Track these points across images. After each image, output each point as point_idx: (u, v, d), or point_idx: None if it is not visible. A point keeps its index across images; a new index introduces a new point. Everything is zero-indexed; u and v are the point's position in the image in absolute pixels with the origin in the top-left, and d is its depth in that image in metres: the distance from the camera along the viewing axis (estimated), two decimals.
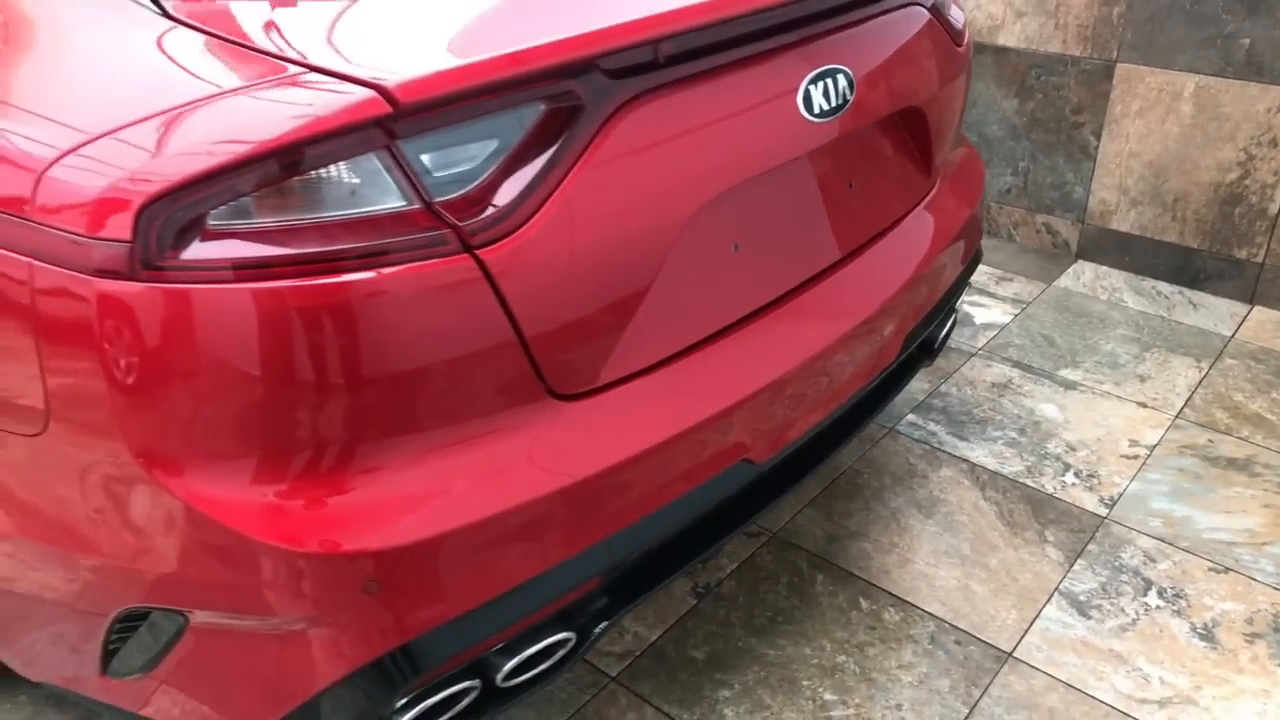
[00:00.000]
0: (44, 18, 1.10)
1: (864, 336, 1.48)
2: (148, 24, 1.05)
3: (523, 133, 1.04)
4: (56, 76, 1.03)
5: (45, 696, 1.63)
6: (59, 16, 1.10)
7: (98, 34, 1.06)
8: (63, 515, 1.08)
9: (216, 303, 0.93)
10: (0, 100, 1.03)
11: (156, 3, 1.08)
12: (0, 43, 1.10)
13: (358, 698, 1.12)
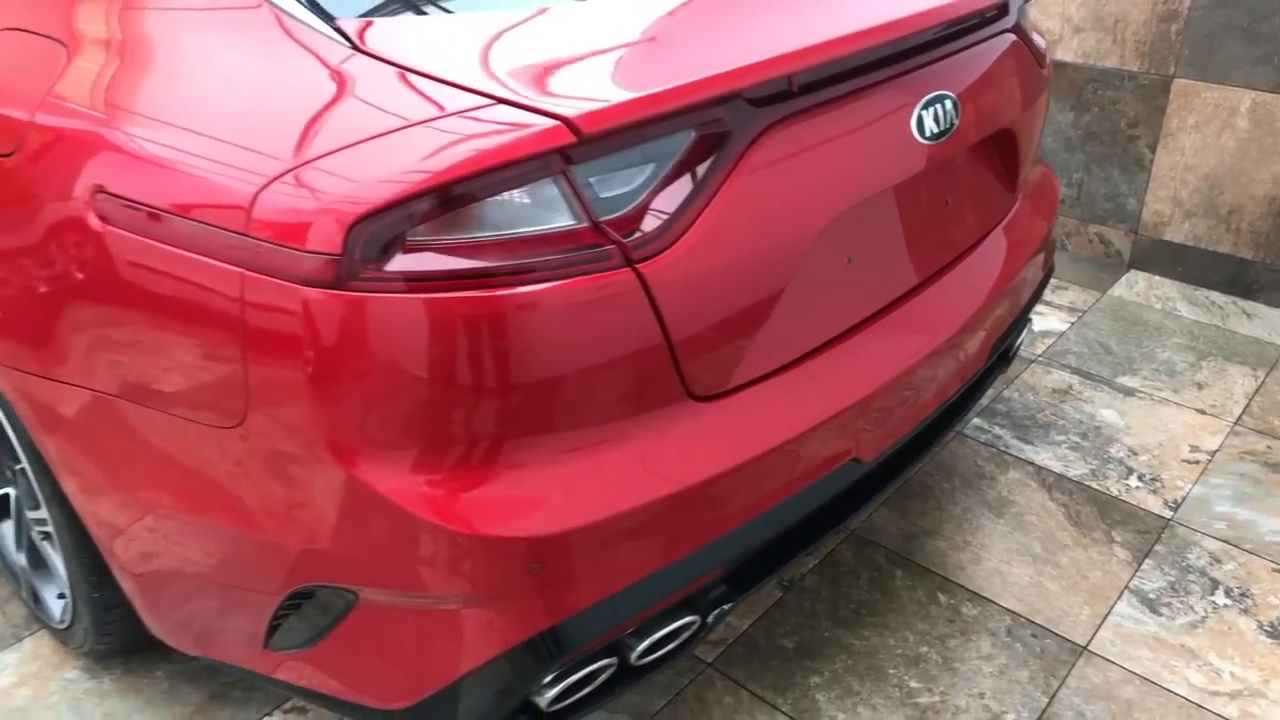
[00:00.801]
0: (243, 54, 1.21)
1: (959, 344, 1.57)
2: (342, 57, 1.16)
3: (676, 157, 1.14)
4: (260, 108, 1.14)
5: (180, 672, 1.75)
6: (256, 53, 1.20)
7: (295, 67, 1.17)
8: (250, 500, 1.19)
9: (415, 311, 1.03)
10: (208, 134, 1.13)
11: (346, 37, 1.18)
12: (208, 81, 1.21)
13: (505, 675, 1.22)
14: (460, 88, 1.10)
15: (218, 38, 1.24)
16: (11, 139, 1.28)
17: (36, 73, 1.32)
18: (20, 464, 1.55)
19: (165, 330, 1.15)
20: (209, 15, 1.27)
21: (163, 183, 1.14)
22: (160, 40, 1.28)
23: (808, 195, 1.25)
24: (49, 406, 1.33)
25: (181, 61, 1.24)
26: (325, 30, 1.21)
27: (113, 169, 1.17)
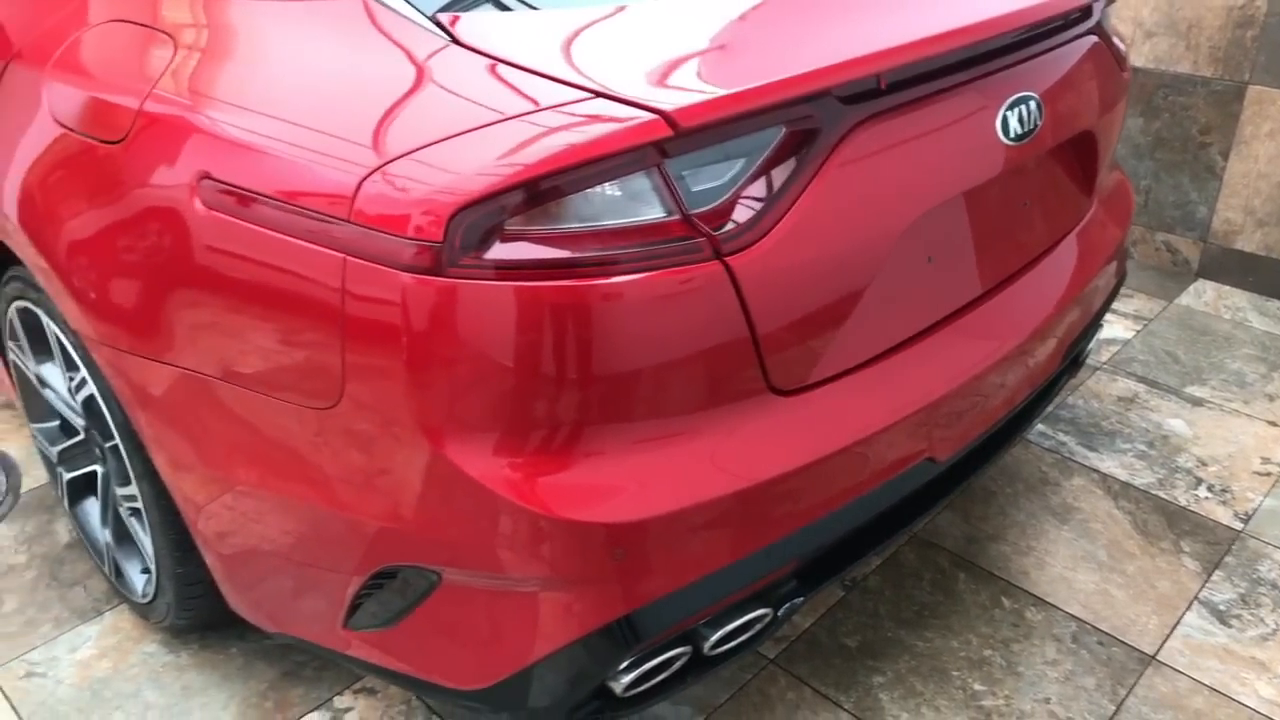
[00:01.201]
0: (342, 46, 1.25)
1: (1033, 347, 1.57)
2: (440, 50, 1.19)
3: (767, 152, 1.16)
4: (361, 99, 1.17)
5: (254, 649, 1.79)
6: (355, 45, 1.24)
7: (394, 59, 1.20)
8: (341, 480, 1.22)
9: (509, 298, 1.06)
10: (312, 124, 1.17)
11: (443, 29, 1.21)
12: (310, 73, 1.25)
13: (581, 660, 1.25)
14: (558, 81, 1.12)
15: (317, 30, 1.28)
16: (121, 126, 1.33)
17: (144, 63, 1.37)
18: (111, 441, 1.61)
19: (265, 313, 1.19)
20: (309, 7, 1.31)
21: (267, 170, 1.17)
22: (263, 33, 1.32)
23: (893, 193, 1.26)
24: (146, 384, 1.38)
25: (284, 54, 1.28)
26: (422, 23, 1.24)
27: (218, 156, 1.22)
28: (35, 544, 2.04)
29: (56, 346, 1.64)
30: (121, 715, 1.67)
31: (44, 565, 1.99)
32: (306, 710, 1.68)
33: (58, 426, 1.90)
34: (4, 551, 2.02)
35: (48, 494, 2.17)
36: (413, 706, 1.68)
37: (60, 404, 1.79)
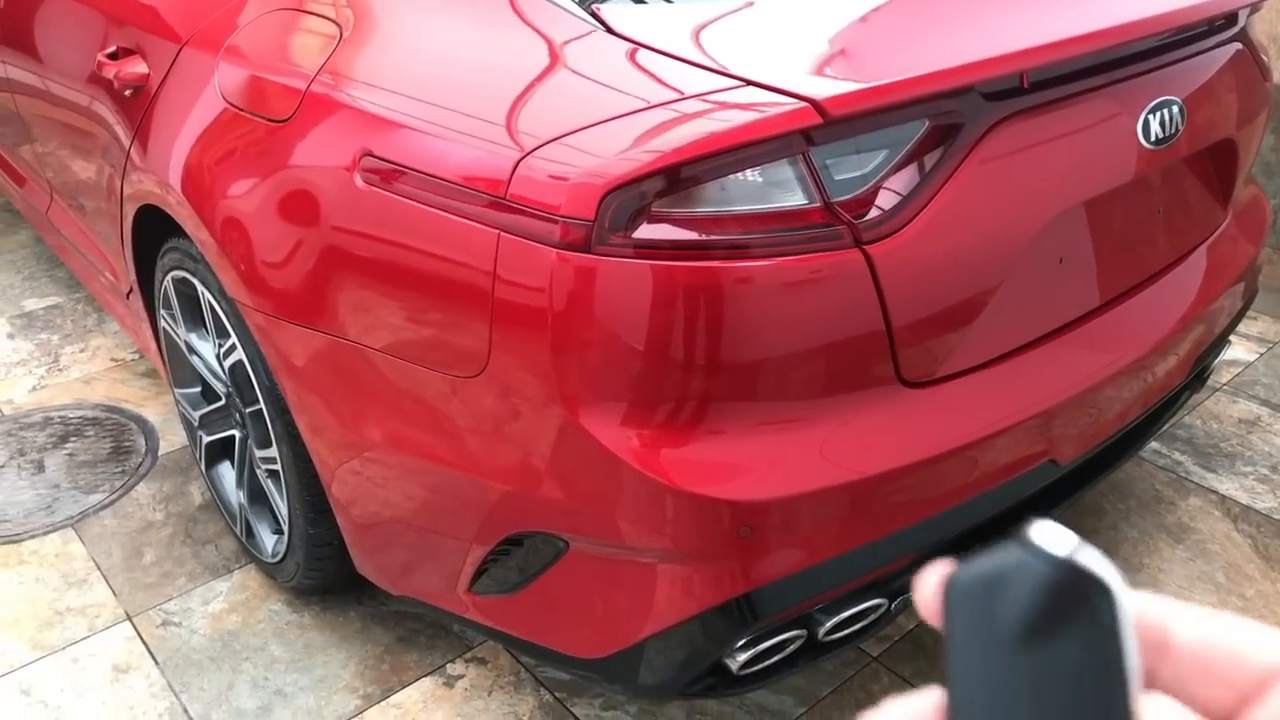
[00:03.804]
0: (498, 32, 1.31)
1: (1162, 355, 1.55)
2: (599, 40, 1.24)
3: (909, 144, 1.18)
4: (516, 81, 1.23)
5: (372, 614, 1.87)
6: (511, 32, 1.30)
7: (548, 45, 1.26)
8: (479, 447, 1.28)
9: (653, 276, 1.10)
10: (470, 105, 1.23)
11: (601, 21, 1.26)
12: (470, 57, 1.31)
13: (699, 635, 1.28)
14: (709, 69, 1.16)
15: (474, 17, 1.34)
16: (289, 106, 1.41)
17: (312, 47, 1.45)
18: (253, 406, 1.70)
19: (417, 284, 1.26)
20: None
21: (426, 150, 1.24)
22: (422, 20, 1.39)
23: (1031, 191, 1.27)
24: (295, 348, 1.46)
25: (442, 40, 1.35)
26: (574, 10, 1.30)
27: (380, 136, 1.29)
28: (171, 503, 2.17)
29: (209, 314, 1.75)
30: (250, 666, 1.77)
31: (179, 523, 2.11)
32: (421, 675, 1.75)
33: (199, 392, 2.02)
34: (143, 509, 2.15)
35: (183, 457, 2.30)
36: (521, 678, 1.74)
37: (205, 370, 1.90)
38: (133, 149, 1.83)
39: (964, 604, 0.26)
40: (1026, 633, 0.25)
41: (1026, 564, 0.25)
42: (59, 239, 2.65)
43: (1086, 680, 0.25)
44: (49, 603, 1.90)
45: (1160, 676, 0.29)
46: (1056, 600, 0.25)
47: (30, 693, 1.71)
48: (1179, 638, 0.29)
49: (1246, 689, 0.28)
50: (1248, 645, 0.28)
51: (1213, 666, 0.28)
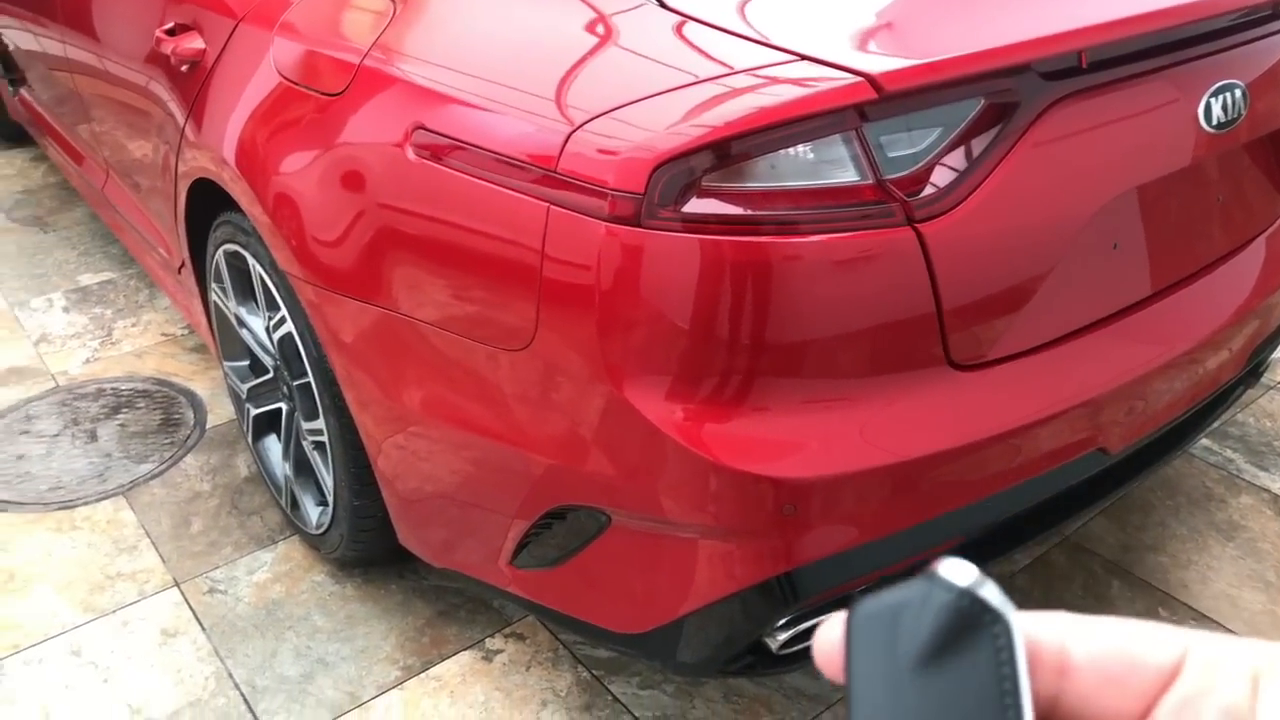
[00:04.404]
0: (554, 9, 1.31)
1: (1215, 348, 1.52)
2: (650, 13, 1.24)
3: (964, 122, 1.16)
4: (568, 54, 1.23)
5: (413, 588, 1.89)
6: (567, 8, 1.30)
7: (606, 20, 1.26)
8: (524, 419, 1.29)
9: (703, 251, 1.10)
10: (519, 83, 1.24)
11: None
12: (520, 33, 1.32)
13: (738, 613, 1.28)
14: (763, 43, 1.16)
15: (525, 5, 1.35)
16: (343, 80, 1.43)
17: (365, 22, 1.47)
18: (301, 379, 1.73)
19: (467, 256, 1.27)
20: None
21: (478, 124, 1.25)
22: None
23: (1087, 174, 1.25)
24: (345, 320, 1.48)
25: (495, 14, 1.36)
26: None
27: (432, 109, 1.30)
28: (218, 475, 2.21)
29: (259, 287, 1.77)
30: (293, 635, 1.79)
31: (225, 494, 2.15)
32: (460, 648, 1.76)
33: (248, 365, 2.05)
34: (191, 480, 2.19)
35: (230, 430, 2.34)
36: (559, 655, 1.75)
37: (254, 343, 1.93)
38: (187, 125, 1.86)
39: (867, 632, 0.27)
40: (924, 659, 0.26)
41: (928, 593, 0.26)
42: (114, 216, 2.71)
43: (981, 705, 0.25)
44: (100, 567, 1.95)
45: (1066, 696, 0.28)
46: (954, 628, 0.25)
47: (81, 653, 1.76)
48: (1076, 655, 0.28)
49: (1148, 693, 0.28)
50: (1140, 649, 0.28)
51: (1112, 677, 0.28)
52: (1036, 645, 0.28)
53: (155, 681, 1.70)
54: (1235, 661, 0.27)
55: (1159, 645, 0.28)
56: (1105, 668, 0.28)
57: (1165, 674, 0.28)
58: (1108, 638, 0.29)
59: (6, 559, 1.97)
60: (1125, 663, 0.28)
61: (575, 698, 1.66)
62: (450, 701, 1.66)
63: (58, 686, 1.69)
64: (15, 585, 1.90)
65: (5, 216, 3.53)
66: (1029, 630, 0.28)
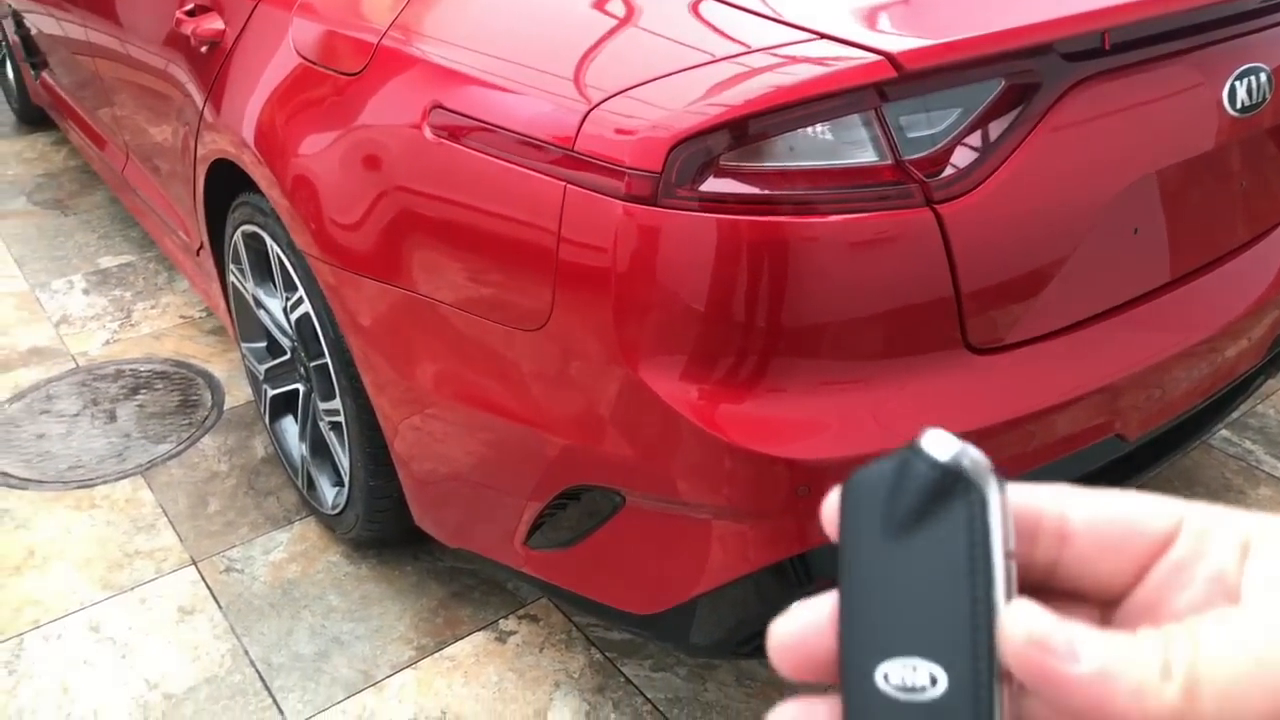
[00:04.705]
0: None
1: (1235, 335, 1.50)
2: None
3: (984, 103, 1.15)
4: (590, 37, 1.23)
5: (427, 569, 1.90)
6: None
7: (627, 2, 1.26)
8: (538, 399, 1.29)
9: (720, 231, 1.10)
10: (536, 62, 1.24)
11: None
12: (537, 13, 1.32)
13: (751, 595, 1.28)
14: (782, 22, 1.15)
15: None
16: (361, 59, 1.43)
17: (384, 3, 1.47)
18: (318, 360, 1.73)
19: (484, 235, 1.27)
20: None
21: (495, 103, 1.25)
22: None
23: (1108, 157, 1.24)
24: (362, 301, 1.49)
25: None
26: None
27: (450, 88, 1.30)
28: (235, 455, 2.22)
29: (277, 268, 1.78)
30: (308, 614, 1.81)
31: (242, 475, 2.16)
32: (474, 629, 1.77)
33: (265, 347, 2.06)
34: (208, 460, 2.21)
35: (247, 412, 2.36)
36: (572, 636, 1.75)
37: (271, 324, 1.94)
38: (206, 107, 1.87)
39: (857, 501, 0.28)
40: (904, 528, 0.27)
41: (909, 464, 0.27)
42: (134, 198, 2.72)
43: (953, 573, 0.26)
44: (119, 545, 1.96)
45: (1065, 561, 0.29)
46: (932, 499, 0.27)
47: (99, 629, 1.77)
48: (1076, 522, 0.29)
49: (1142, 558, 0.28)
50: (1139, 516, 0.29)
51: (1109, 542, 0.29)
52: (1038, 513, 0.29)
53: (173, 658, 1.72)
54: (1226, 530, 0.28)
55: (1155, 514, 0.29)
56: (1103, 535, 0.29)
57: (1160, 541, 0.28)
58: (1106, 506, 0.29)
59: (27, 536, 1.99)
60: (1122, 530, 0.29)
61: (588, 679, 1.67)
62: (464, 681, 1.67)
63: (77, 662, 1.71)
64: (35, 562, 1.92)
65: (26, 199, 3.56)
66: (1029, 500, 0.29)
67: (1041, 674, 0.26)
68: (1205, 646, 0.25)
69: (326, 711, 1.62)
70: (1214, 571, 0.28)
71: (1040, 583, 0.29)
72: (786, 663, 0.30)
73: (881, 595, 0.27)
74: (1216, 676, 0.24)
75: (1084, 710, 0.25)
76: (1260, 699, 0.24)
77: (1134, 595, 0.29)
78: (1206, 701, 0.24)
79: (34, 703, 1.63)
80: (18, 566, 1.91)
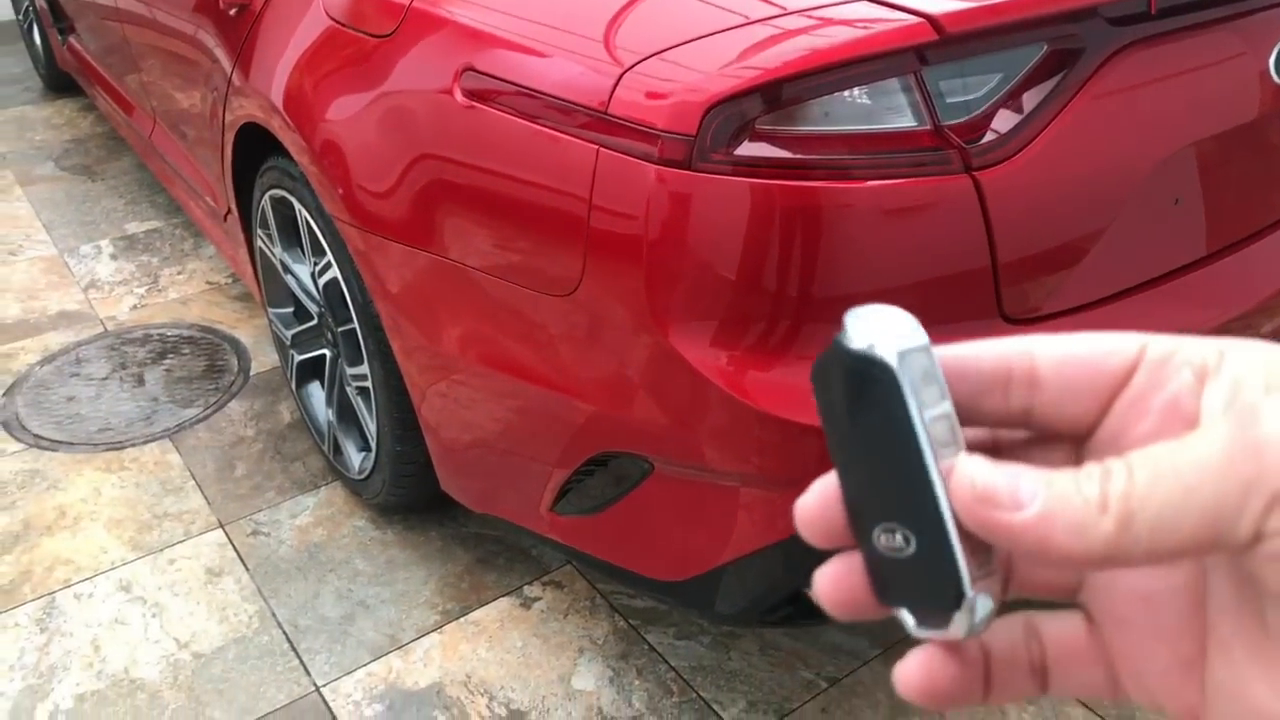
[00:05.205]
0: None
1: (1273, 310, 1.48)
2: None
3: (1026, 68, 1.13)
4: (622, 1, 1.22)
5: (452, 535, 1.91)
6: None
7: None
8: (567, 365, 1.29)
9: (755, 194, 1.08)
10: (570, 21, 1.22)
11: None
12: None
13: (778, 564, 1.27)
14: None
15: None
16: (392, 21, 1.42)
17: None
18: (346, 325, 1.74)
19: (515, 199, 1.26)
20: None
21: (527, 66, 1.24)
22: None
23: (1150, 124, 1.21)
24: (391, 265, 1.49)
25: None
26: None
27: (482, 51, 1.29)
28: (262, 420, 2.24)
29: (305, 233, 1.78)
30: (334, 578, 1.82)
31: (269, 440, 2.17)
32: (499, 595, 1.78)
33: (292, 312, 2.07)
34: (235, 425, 2.22)
35: (273, 378, 2.37)
36: (596, 604, 1.76)
37: (299, 289, 1.95)
38: (235, 72, 1.87)
39: (818, 389, 0.30)
40: (847, 410, 0.29)
41: (835, 355, 0.29)
42: (161, 164, 2.73)
43: (889, 444, 0.28)
44: (148, 507, 1.98)
45: (1036, 408, 0.29)
46: (856, 383, 0.28)
47: (130, 589, 1.80)
48: (1043, 367, 0.29)
49: (1106, 394, 0.29)
50: (1101, 353, 0.29)
51: (1075, 382, 0.29)
52: (1007, 363, 0.29)
53: (201, 618, 1.74)
54: (1183, 356, 0.28)
55: (1116, 350, 0.29)
56: (1069, 375, 0.29)
57: (1121, 375, 0.28)
58: (1070, 346, 0.29)
59: (59, 496, 2.01)
60: (1086, 368, 0.29)
61: (612, 646, 1.68)
62: (488, 646, 1.68)
63: (108, 620, 1.73)
64: (66, 522, 1.95)
65: (55, 165, 3.57)
66: (997, 351, 0.30)
67: (990, 525, 0.26)
68: (1139, 477, 0.25)
69: (353, 673, 1.64)
70: (1167, 400, 0.27)
71: (1018, 428, 0.30)
72: (814, 533, 0.31)
73: (856, 471, 0.30)
74: (1148, 505, 0.25)
75: (1034, 553, 0.26)
76: (1189, 527, 0.24)
77: (1099, 431, 0.29)
78: (1139, 529, 0.25)
79: (65, 659, 1.66)
80: (49, 526, 1.94)
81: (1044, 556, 0.26)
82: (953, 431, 0.29)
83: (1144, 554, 0.25)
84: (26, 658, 1.66)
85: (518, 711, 1.57)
